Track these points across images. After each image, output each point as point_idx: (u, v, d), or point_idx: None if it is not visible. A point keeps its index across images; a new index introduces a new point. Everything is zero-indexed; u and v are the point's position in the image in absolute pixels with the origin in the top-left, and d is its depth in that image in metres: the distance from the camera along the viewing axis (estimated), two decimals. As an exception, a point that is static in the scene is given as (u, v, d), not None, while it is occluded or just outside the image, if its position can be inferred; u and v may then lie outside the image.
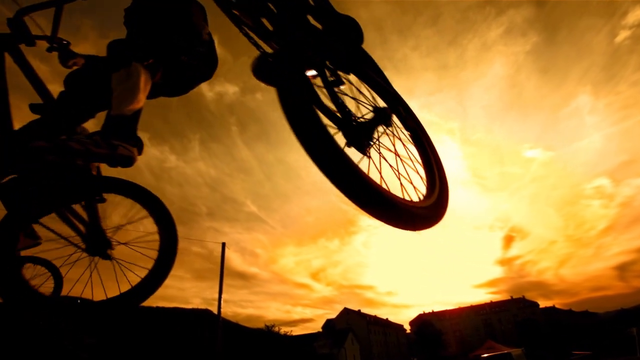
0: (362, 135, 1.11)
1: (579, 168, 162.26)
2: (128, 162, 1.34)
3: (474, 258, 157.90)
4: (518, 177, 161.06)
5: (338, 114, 1.11)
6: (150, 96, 1.61)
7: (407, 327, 78.28)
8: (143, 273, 1.65)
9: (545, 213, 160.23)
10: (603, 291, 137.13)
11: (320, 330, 53.93)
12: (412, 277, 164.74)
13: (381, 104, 1.41)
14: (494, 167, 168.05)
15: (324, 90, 1.15)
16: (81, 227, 1.72)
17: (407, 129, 1.56)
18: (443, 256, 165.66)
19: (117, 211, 1.77)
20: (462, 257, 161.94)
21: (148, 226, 1.72)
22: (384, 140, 1.28)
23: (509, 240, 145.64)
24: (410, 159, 1.37)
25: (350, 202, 0.94)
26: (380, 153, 1.22)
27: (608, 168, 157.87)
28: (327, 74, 1.24)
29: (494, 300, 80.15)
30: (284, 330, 33.06)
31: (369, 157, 1.10)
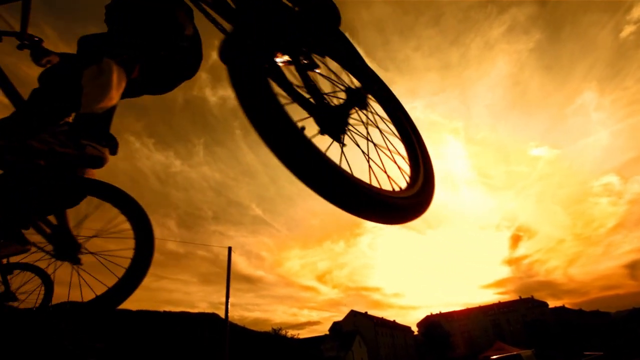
0: (335, 121, 0.98)
1: (586, 165, 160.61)
2: (97, 162, 1.29)
3: (481, 258, 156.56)
4: (524, 175, 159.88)
5: (312, 100, 1.01)
6: (133, 94, 1.55)
7: (415, 329, 77.73)
8: (116, 277, 1.59)
9: (552, 211, 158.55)
10: (614, 290, 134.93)
11: (327, 332, 53.72)
12: (419, 278, 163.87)
13: (356, 85, 1.28)
14: (500, 166, 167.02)
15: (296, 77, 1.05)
16: (47, 230, 1.65)
17: (385, 110, 1.43)
18: (450, 257, 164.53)
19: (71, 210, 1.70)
20: (469, 257, 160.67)
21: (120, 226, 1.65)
22: (361, 124, 1.14)
23: (516, 239, 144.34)
24: (391, 143, 1.25)
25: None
26: (373, 139, 1.09)
27: (616, 165, 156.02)
28: (301, 57, 1.15)
29: (502, 301, 79.22)
30: (290, 333, 33.01)
31: (344, 144, 0.97)
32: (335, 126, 0.98)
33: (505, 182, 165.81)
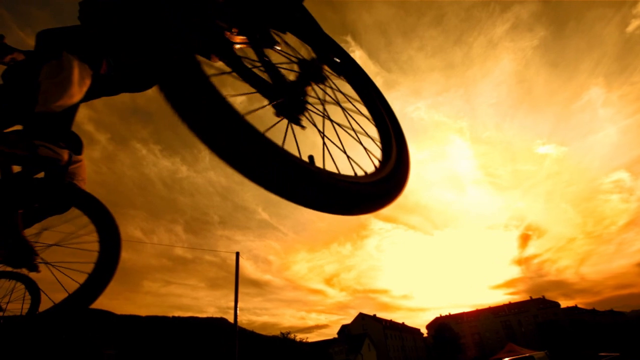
0: (290, 100, 0.87)
1: (595, 162, 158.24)
2: (52, 165, 1.20)
3: (490, 258, 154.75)
4: (532, 174, 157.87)
5: (270, 81, 0.91)
6: (110, 92, 1.48)
7: (424, 331, 76.92)
8: (79, 281, 1.51)
9: (562, 210, 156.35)
10: (628, 289, 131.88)
11: (336, 336, 53.45)
12: (427, 280, 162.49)
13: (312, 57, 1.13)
14: (507, 165, 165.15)
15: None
16: None
17: (351, 85, 1.27)
18: (458, 257, 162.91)
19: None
20: (478, 257, 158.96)
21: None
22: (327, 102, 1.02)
23: (525, 239, 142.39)
24: (356, 122, 1.10)
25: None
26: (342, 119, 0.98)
27: (626, 161, 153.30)
28: (257, 34, 1.05)
29: (512, 301, 78.12)
30: (299, 337, 32.98)
31: (303, 127, 0.86)
32: (292, 106, 0.86)
33: (512, 181, 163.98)
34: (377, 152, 1.05)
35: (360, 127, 1.10)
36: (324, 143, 0.94)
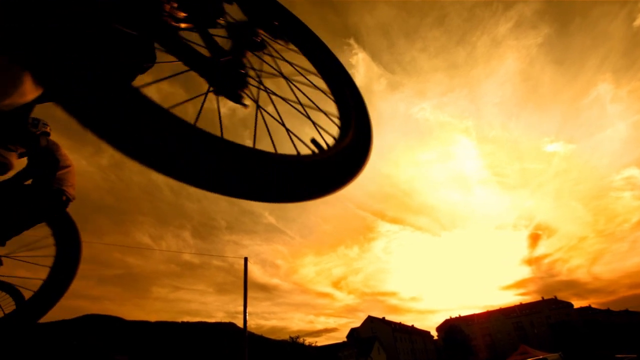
0: (228, 75, 0.75)
1: (604, 159, 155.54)
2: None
3: (500, 259, 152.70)
4: (540, 172, 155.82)
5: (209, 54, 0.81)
6: None
7: (434, 333, 75.99)
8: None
9: (572, 208, 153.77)
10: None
11: (345, 339, 53.09)
12: (436, 282, 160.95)
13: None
14: (514, 164, 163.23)
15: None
16: None
17: (298, 49, 1.11)
18: (467, 258, 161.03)
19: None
20: (487, 258, 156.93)
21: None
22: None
23: (535, 238, 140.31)
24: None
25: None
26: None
27: (637, 157, 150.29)
28: (202, 6, 0.91)
29: (524, 302, 76.85)
30: (308, 341, 32.82)
31: (246, 105, 0.77)
32: (230, 82, 0.75)
33: (520, 180, 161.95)
34: (334, 121, 0.97)
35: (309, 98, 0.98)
36: (315, 126, 0.87)
